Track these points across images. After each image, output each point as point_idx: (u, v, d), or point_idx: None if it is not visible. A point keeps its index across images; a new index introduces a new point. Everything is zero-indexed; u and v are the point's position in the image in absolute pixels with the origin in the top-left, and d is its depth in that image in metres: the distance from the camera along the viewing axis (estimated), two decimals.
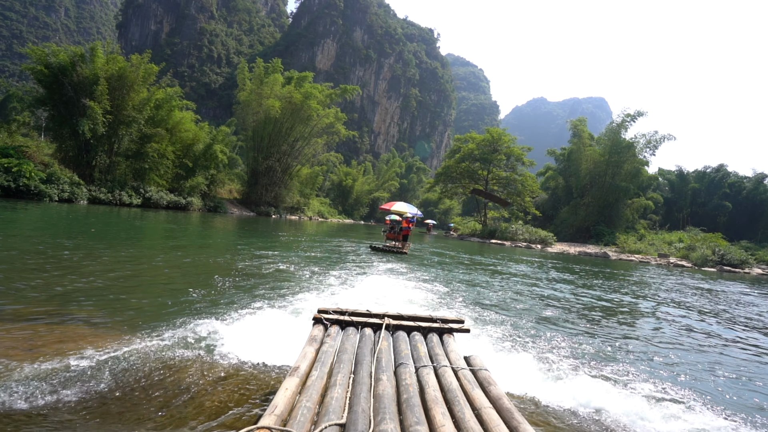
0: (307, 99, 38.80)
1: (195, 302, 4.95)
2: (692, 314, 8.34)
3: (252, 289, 6.03)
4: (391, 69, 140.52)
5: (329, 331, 2.65)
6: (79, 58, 22.40)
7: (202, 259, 8.76)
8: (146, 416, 2.35)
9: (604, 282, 12.79)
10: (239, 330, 3.93)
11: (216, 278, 6.44)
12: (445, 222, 73.50)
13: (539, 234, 34.41)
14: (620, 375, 4.04)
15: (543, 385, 3.45)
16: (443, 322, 2.92)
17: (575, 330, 5.87)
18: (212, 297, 5.31)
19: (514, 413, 1.78)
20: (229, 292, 5.70)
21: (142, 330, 3.75)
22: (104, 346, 3.20)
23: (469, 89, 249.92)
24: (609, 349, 5.01)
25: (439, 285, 8.26)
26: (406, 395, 1.87)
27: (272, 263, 8.86)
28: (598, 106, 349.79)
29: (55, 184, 20.35)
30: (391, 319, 2.89)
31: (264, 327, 4.08)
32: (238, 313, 4.52)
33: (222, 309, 4.69)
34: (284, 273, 7.84)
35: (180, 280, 6.38)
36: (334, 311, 2.92)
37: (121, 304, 4.60)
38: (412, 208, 16.43)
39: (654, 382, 3.89)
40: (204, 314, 4.37)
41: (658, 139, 42.47)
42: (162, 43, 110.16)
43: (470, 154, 42.00)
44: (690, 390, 3.81)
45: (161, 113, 27.82)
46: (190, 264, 7.96)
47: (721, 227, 45.33)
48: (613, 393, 3.44)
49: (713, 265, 24.31)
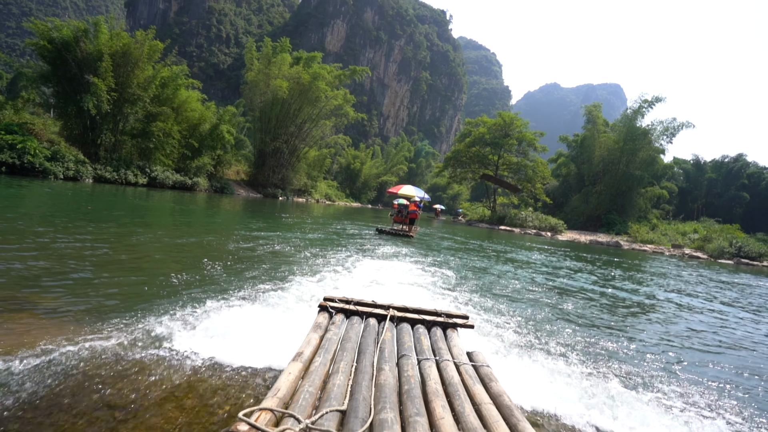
0: (316, 80, 38.03)
1: (174, 289, 4.41)
2: (725, 310, 7.87)
3: (242, 275, 5.49)
4: (401, 51, 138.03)
5: (334, 319, 2.67)
6: (83, 33, 21.87)
7: (194, 239, 8.24)
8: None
9: (620, 273, 12.30)
10: (218, 324, 3.36)
11: (205, 262, 5.90)
12: (454, 207, 72.88)
13: (549, 221, 33.78)
14: (654, 386, 3.63)
15: (551, 387, 3.05)
16: (447, 317, 2.91)
17: (595, 328, 5.45)
18: (195, 283, 4.75)
19: (513, 410, 1.78)
20: (216, 277, 5.15)
21: (101, 323, 3.20)
22: (43, 344, 2.65)
23: (480, 73, 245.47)
24: (635, 352, 4.59)
25: (445, 270, 7.87)
26: (407, 386, 1.88)
27: (269, 245, 8.50)
28: (613, 92, 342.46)
29: (60, 162, 20.15)
30: (396, 310, 2.88)
31: (249, 322, 3.49)
32: (221, 303, 3.98)
33: (204, 298, 4.14)
34: (281, 256, 7.46)
35: (164, 263, 5.82)
36: (340, 300, 2.92)
37: (90, 290, 4.01)
38: (419, 191, 16.14)
39: (694, 395, 3.48)
40: (180, 304, 3.84)
41: (676, 127, 41.15)
42: (170, 22, 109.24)
43: (481, 138, 41.09)
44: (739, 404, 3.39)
45: (167, 92, 27.37)
46: (179, 245, 7.39)
47: (737, 219, 44.23)
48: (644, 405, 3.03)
49: (729, 257, 23.59)
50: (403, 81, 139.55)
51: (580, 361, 3.79)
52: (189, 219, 12.79)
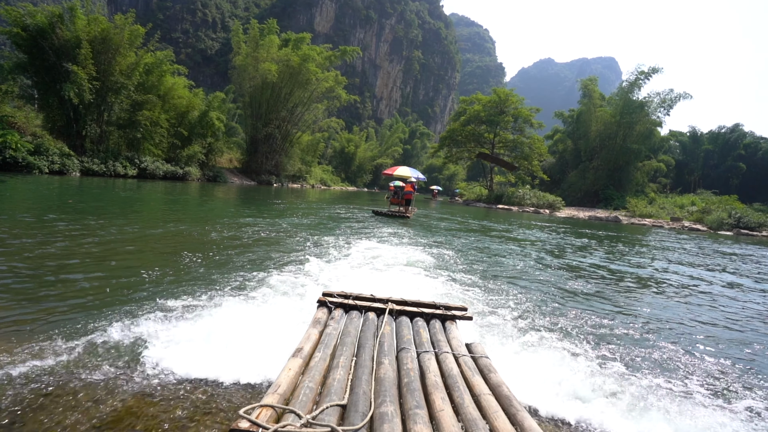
0: (305, 62, 37.03)
1: (144, 287, 3.87)
2: (740, 284, 7.63)
3: (224, 268, 4.97)
4: (392, 30, 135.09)
5: (333, 314, 2.67)
6: (58, 19, 20.89)
7: (174, 229, 7.71)
8: None
9: (623, 248, 12.06)
10: (192, 330, 2.90)
11: (184, 255, 5.39)
12: (450, 188, 72.53)
13: (547, 198, 33.54)
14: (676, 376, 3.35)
15: (553, 377, 2.78)
16: (446, 309, 2.91)
17: (606, 309, 5.17)
18: (169, 280, 4.20)
19: (512, 400, 1.77)
20: (194, 272, 4.59)
21: (49, 333, 2.72)
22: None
23: (473, 51, 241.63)
24: (653, 335, 4.31)
25: (443, 251, 7.55)
26: (407, 379, 1.88)
27: (258, 232, 8.14)
28: (608, 66, 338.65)
29: (44, 156, 19.51)
30: (395, 304, 2.89)
31: (228, 327, 2.95)
32: (199, 302, 3.49)
33: (178, 296, 3.61)
34: (271, 243, 7.10)
35: (135, 257, 5.19)
36: (338, 294, 2.92)
37: (42, 293, 3.50)
38: (415, 171, 15.96)
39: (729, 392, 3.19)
40: (147, 307, 3.32)
41: (673, 98, 40.55)
42: (153, 8, 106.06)
43: (476, 116, 40.44)
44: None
45: (152, 79, 26.50)
46: (156, 236, 6.83)
47: (733, 190, 44.09)
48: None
49: (729, 229, 23.46)
50: (395, 61, 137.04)
51: (589, 346, 3.50)
52: (170, 210, 12.37)
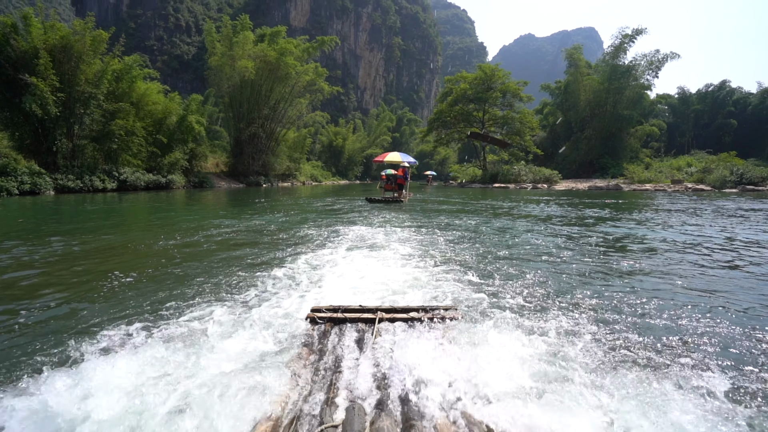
0: (283, 56, 35.75)
1: (77, 313, 3.10)
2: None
3: (188, 282, 4.04)
4: (370, 18, 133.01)
5: (322, 330, 2.64)
6: (11, 29, 19.62)
7: (135, 238, 6.80)
8: None
9: (649, 215, 11.29)
10: (137, 365, 2.06)
11: (140, 269, 4.54)
12: (443, 172, 71.68)
13: (543, 173, 32.84)
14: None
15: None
16: (435, 311, 2.85)
17: (636, 287, 4.35)
18: (114, 302, 3.36)
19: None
20: (150, 289, 3.74)
21: None
22: None
23: (453, 33, 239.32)
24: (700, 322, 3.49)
25: (438, 235, 6.72)
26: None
27: (229, 234, 7.26)
28: (588, 36, 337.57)
29: (12, 177, 18.41)
30: (384, 312, 2.86)
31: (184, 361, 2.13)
32: (150, 330, 2.71)
33: (126, 322, 2.84)
34: (251, 246, 6.23)
35: (75, 275, 4.28)
36: (327, 309, 2.88)
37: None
38: (406, 156, 15.24)
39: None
40: (81, 336, 2.59)
41: (660, 59, 39.77)
42: (124, 17, 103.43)
43: (463, 95, 39.44)
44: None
45: (122, 86, 25.21)
46: (111, 248, 5.90)
47: (726, 147, 43.61)
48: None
49: (733, 186, 22.85)
50: (376, 50, 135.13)
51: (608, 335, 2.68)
52: (136, 220, 11.42)
